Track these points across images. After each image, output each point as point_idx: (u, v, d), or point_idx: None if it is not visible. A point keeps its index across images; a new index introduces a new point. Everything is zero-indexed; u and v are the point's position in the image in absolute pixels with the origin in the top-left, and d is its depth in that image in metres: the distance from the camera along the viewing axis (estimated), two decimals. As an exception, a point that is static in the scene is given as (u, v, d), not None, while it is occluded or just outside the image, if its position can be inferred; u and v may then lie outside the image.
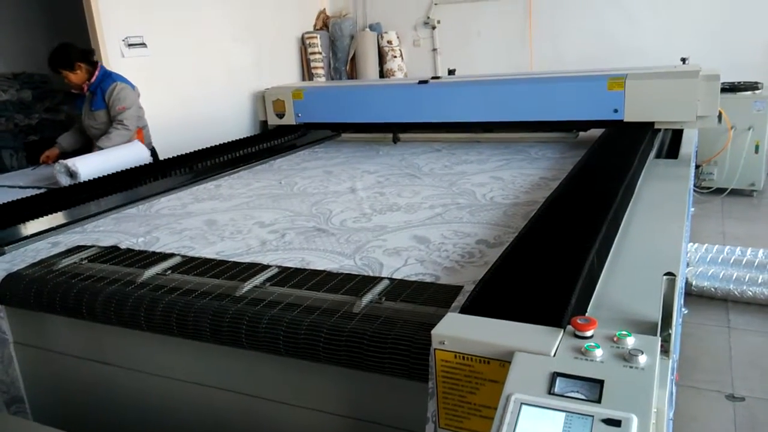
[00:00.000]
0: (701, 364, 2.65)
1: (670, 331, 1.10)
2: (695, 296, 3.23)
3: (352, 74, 7.19)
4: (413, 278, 1.47)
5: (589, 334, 0.92)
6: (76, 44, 3.58)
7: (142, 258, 1.72)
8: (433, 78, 3.27)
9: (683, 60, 5.19)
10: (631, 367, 0.84)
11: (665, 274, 1.13)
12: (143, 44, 5.01)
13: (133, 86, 3.63)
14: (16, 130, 6.15)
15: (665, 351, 1.05)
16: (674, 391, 1.61)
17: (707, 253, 3.50)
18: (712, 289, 3.17)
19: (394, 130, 3.26)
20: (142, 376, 1.60)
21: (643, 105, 2.66)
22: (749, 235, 4.20)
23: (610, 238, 1.54)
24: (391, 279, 1.46)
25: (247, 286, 1.48)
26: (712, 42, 5.82)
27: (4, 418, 1.60)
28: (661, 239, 1.64)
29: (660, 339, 1.07)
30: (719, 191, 5.01)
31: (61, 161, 2.90)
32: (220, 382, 1.49)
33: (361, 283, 1.45)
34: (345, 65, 7.15)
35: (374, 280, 1.45)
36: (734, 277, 3.20)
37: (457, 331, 0.97)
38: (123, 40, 4.79)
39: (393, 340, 1.19)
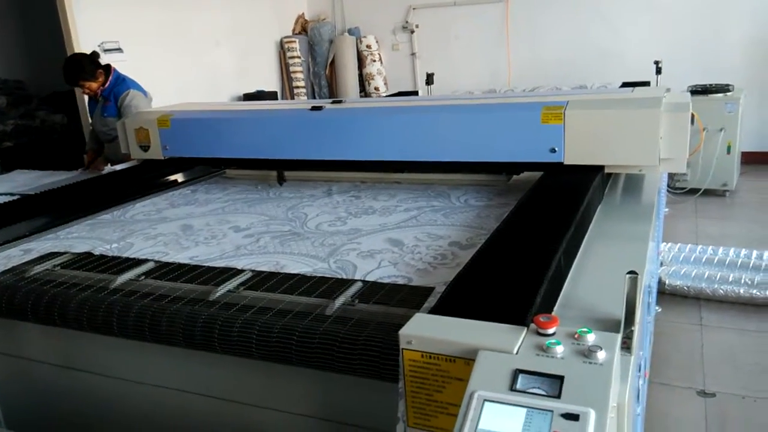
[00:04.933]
0: (673, 361, 2.71)
1: (632, 328, 1.12)
2: (668, 295, 3.29)
3: (332, 79, 7.22)
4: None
5: (551, 331, 0.94)
6: (83, 53, 3.55)
7: (115, 264, 1.72)
8: (334, 102, 2.51)
9: (656, 63, 5.30)
10: (590, 363, 0.87)
11: (628, 273, 1.17)
12: (119, 49, 4.99)
13: (145, 93, 3.61)
14: (-10, 136, 6.07)
15: (627, 347, 1.08)
16: (643, 387, 1.64)
17: (680, 253, 3.57)
18: (685, 288, 3.24)
19: (281, 168, 2.55)
20: (117, 383, 1.59)
21: (588, 143, 1.90)
22: (722, 234, 4.29)
23: (577, 241, 1.57)
24: (364, 281, 1.48)
25: (221, 290, 1.49)
26: (685, 45, 5.94)
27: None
28: (627, 240, 1.68)
29: (622, 336, 1.11)
30: (693, 191, 5.11)
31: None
32: (195, 387, 1.50)
33: (334, 285, 1.47)
34: (324, 69, 7.18)
35: (347, 283, 1.47)
36: (706, 276, 3.27)
37: (424, 330, 0.99)
38: (99, 45, 4.77)
39: (364, 341, 1.21)
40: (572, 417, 0.79)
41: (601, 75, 5.89)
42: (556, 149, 1.96)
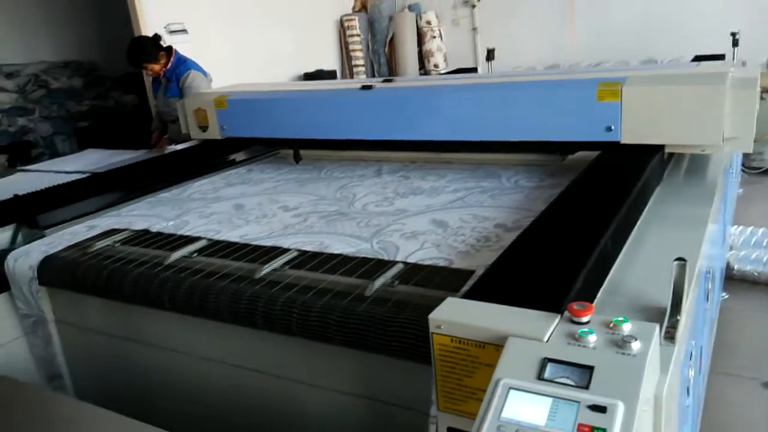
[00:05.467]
0: (739, 350, 2.58)
1: (678, 318, 1.08)
2: (737, 281, 3.13)
3: (391, 56, 7.17)
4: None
5: (585, 319, 0.91)
6: (146, 36, 3.67)
7: (170, 241, 1.79)
8: (384, 80, 2.53)
9: (733, 35, 4.97)
10: (623, 353, 0.84)
11: (676, 260, 1.11)
12: (184, 30, 5.13)
13: (205, 73, 3.71)
14: (67, 116, 6.40)
15: (670, 337, 1.04)
16: (698, 378, 1.58)
17: (752, 236, 3.38)
18: (755, 274, 3.07)
19: (332, 147, 2.55)
20: (168, 353, 1.67)
21: (647, 122, 1.81)
22: (800, 217, 4.02)
23: (629, 225, 1.51)
24: (405, 263, 1.48)
25: (266, 269, 1.52)
26: (766, 15, 5.54)
27: (43, 393, 1.69)
28: (684, 227, 1.60)
29: (665, 325, 1.06)
30: (769, 172, 4.81)
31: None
32: (240, 361, 1.55)
33: (375, 266, 1.47)
34: (384, 47, 7.14)
35: (388, 264, 1.47)
36: (779, 261, 3.08)
37: (454, 315, 0.98)
38: (164, 27, 4.91)
39: (401, 323, 1.21)
40: (599, 409, 0.77)
41: (673, 48, 5.58)
42: (613, 128, 1.88)
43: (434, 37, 7.08)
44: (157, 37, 3.64)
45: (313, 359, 1.43)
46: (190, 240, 1.77)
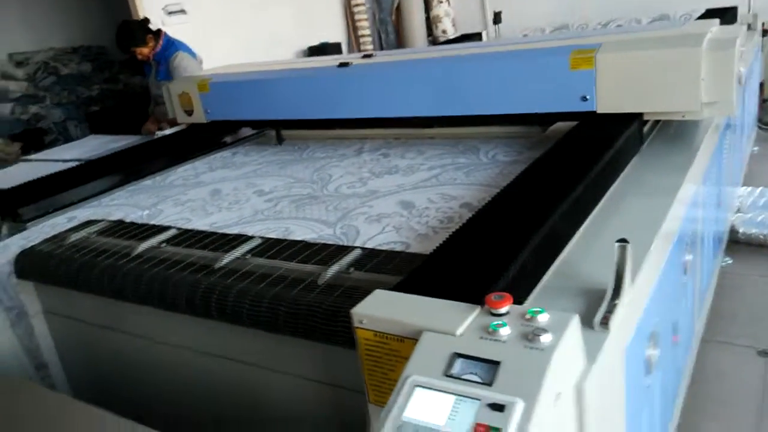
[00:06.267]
0: (739, 317, 2.51)
1: (617, 302, 1.04)
2: (743, 244, 3.03)
3: (398, 25, 7.03)
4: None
5: (503, 311, 0.89)
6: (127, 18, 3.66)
7: (141, 231, 1.80)
8: (364, 56, 2.48)
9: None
10: (530, 347, 0.81)
11: (617, 241, 1.08)
12: (182, 11, 5.09)
13: (194, 54, 3.69)
14: (78, 101, 6.46)
15: (605, 323, 1.01)
16: (666, 354, 1.54)
17: (760, 198, 3.26)
18: (761, 237, 2.97)
19: (313, 126, 2.53)
20: (142, 342, 1.69)
21: (622, 89, 1.74)
22: (817, 175, 3.87)
23: (593, 198, 1.47)
24: (362, 248, 1.46)
25: (227, 258, 1.52)
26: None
27: (20, 384, 1.73)
28: (655, 196, 1.55)
29: (603, 311, 1.03)
30: (790, 127, 4.61)
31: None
32: (206, 348, 1.56)
33: (333, 252, 1.46)
34: (390, 15, 7.00)
35: (346, 250, 1.45)
36: (787, 224, 2.97)
37: (377, 309, 0.96)
38: (162, 9, 4.88)
39: (345, 312, 1.20)
40: (498, 407, 0.75)
41: (689, 1, 5.34)
42: (588, 97, 1.82)
43: (441, 2, 6.91)
44: (145, 21, 3.62)
45: (275, 348, 1.43)
46: (160, 230, 1.78)
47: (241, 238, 1.62)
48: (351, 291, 1.26)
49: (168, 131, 2.95)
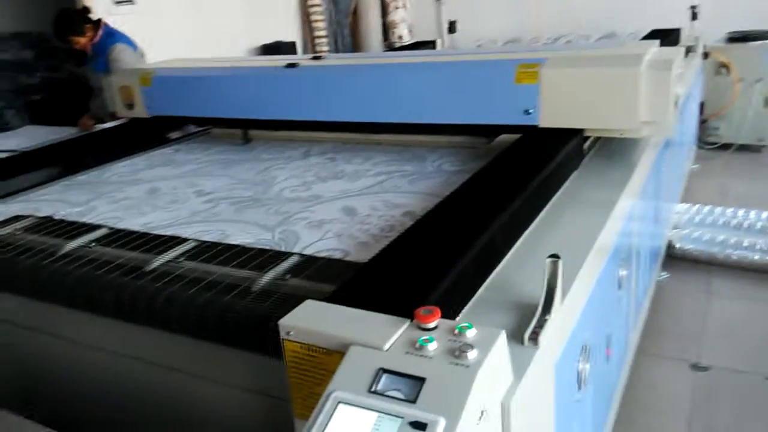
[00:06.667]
0: (672, 331, 2.59)
1: (547, 318, 1.05)
2: (679, 260, 3.13)
3: (354, 27, 7.02)
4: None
5: (431, 325, 0.88)
6: (70, 6, 3.52)
7: (70, 229, 1.72)
8: (314, 58, 2.47)
9: (692, 8, 4.92)
10: (456, 363, 0.80)
11: (549, 257, 1.08)
12: (131, 1, 4.93)
13: (135, 46, 3.56)
14: (18, 89, 6.18)
15: (534, 338, 1.01)
16: (599, 368, 1.57)
17: (697, 214, 3.39)
18: (695, 253, 3.08)
19: (259, 127, 2.51)
20: (62, 343, 1.62)
21: (564, 105, 1.77)
22: (752, 194, 4.05)
23: (531, 212, 1.48)
24: (300, 255, 1.43)
25: (158, 260, 1.46)
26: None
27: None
28: (592, 211, 1.57)
29: (533, 326, 1.03)
30: (726, 147, 4.81)
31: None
32: (132, 353, 1.50)
33: (270, 258, 1.42)
34: (346, 17, 6.98)
35: (284, 256, 1.42)
36: (720, 240, 3.09)
37: (305, 321, 0.94)
38: (111, -4, 4.72)
39: (276, 321, 1.17)
40: (420, 426, 0.73)
41: (637, 21, 5.51)
42: (531, 111, 1.84)
43: (398, 8, 6.94)
44: (85, 10, 3.50)
45: (206, 355, 1.38)
46: (90, 228, 1.70)
47: (175, 240, 1.57)
48: (286, 298, 1.23)
49: (108, 125, 2.84)
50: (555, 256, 1.08)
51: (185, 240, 1.56)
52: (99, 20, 3.47)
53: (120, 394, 1.54)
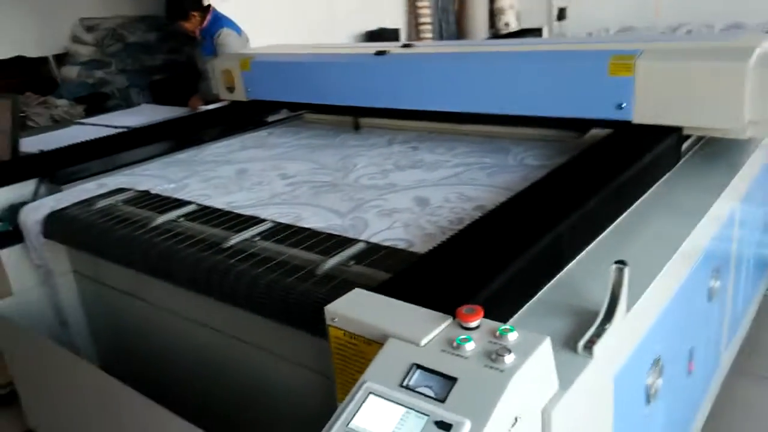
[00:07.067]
0: (774, 350, 2.37)
1: (606, 327, 0.99)
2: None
3: (460, 14, 6.92)
4: (390, 243, 1.44)
5: (473, 325, 0.85)
6: None
7: (163, 203, 1.84)
8: (404, 45, 2.43)
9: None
10: (491, 367, 0.78)
11: (615, 263, 1.02)
12: (242, -13, 5.14)
13: (239, 31, 3.74)
14: (142, 70, 6.66)
15: (589, 348, 0.96)
16: (675, 383, 1.47)
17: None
18: (814, 268, 2.77)
19: (349, 114, 2.51)
20: (152, 309, 1.74)
21: (661, 100, 1.64)
22: None
23: (612, 213, 1.40)
24: (367, 242, 1.44)
25: (236, 239, 1.53)
26: None
27: (44, 343, 1.80)
28: (681, 214, 1.47)
29: (590, 334, 0.99)
30: None
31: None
32: (210, 323, 1.59)
33: (338, 243, 1.45)
34: (452, 4, 6.89)
35: (350, 242, 1.44)
36: None
37: (349, 309, 0.95)
38: (220, -18, 4.95)
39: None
40: (445, 426, 0.72)
41: (766, 12, 5.02)
42: (624, 105, 1.73)
43: (506, -6, 6.75)
44: None
45: (271, 331, 1.43)
46: (181, 204, 1.81)
47: (254, 220, 1.63)
48: (345, 284, 1.25)
49: (210, 107, 3.00)
50: (622, 262, 1.01)
51: (263, 220, 1.62)
52: (208, 6, 3.65)
53: (192, 359, 1.64)
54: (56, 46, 6.40)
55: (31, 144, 2.83)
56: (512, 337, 0.82)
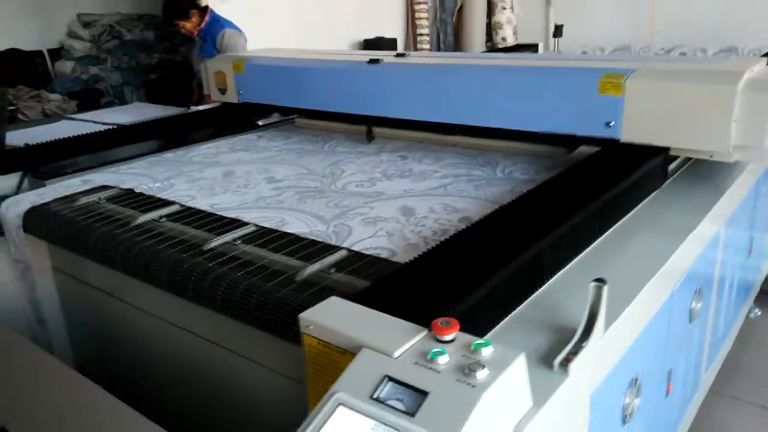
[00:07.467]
0: (755, 374, 2.37)
1: (583, 345, 0.98)
2: (776, 298, 2.86)
3: (458, 26, 6.96)
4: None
5: (448, 338, 0.84)
6: None
7: (146, 203, 1.82)
8: (397, 55, 2.45)
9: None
10: (463, 382, 0.77)
11: (594, 280, 1.02)
12: (241, -10, 5.14)
13: (240, 32, 3.74)
14: (137, 68, 6.64)
15: (565, 365, 0.95)
16: (652, 403, 1.46)
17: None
18: (797, 292, 2.79)
19: (337, 119, 2.50)
20: (130, 310, 1.72)
21: (649, 120, 1.66)
22: None
23: (582, 239, 1.39)
24: (349, 250, 1.43)
25: (217, 241, 1.51)
26: None
27: (16, 340, 1.77)
28: (664, 233, 1.47)
29: (567, 351, 0.98)
30: None
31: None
32: (182, 324, 1.56)
33: (320, 250, 1.43)
34: (451, 16, 6.93)
35: (333, 249, 1.43)
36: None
37: (324, 317, 0.93)
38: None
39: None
40: (413, 440, 0.71)
41: (761, 37, 5.09)
42: (612, 123, 1.74)
43: (505, 8, 6.79)
44: None
45: (246, 336, 1.41)
46: (164, 204, 1.79)
47: (236, 223, 1.62)
48: (324, 292, 1.24)
49: (201, 107, 2.98)
50: (600, 280, 1.01)
51: (245, 224, 1.60)
52: (206, 7, 3.65)
53: (169, 363, 1.61)
54: (51, 40, 6.37)
55: (17, 138, 2.80)
56: (486, 351, 0.81)
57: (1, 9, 5.95)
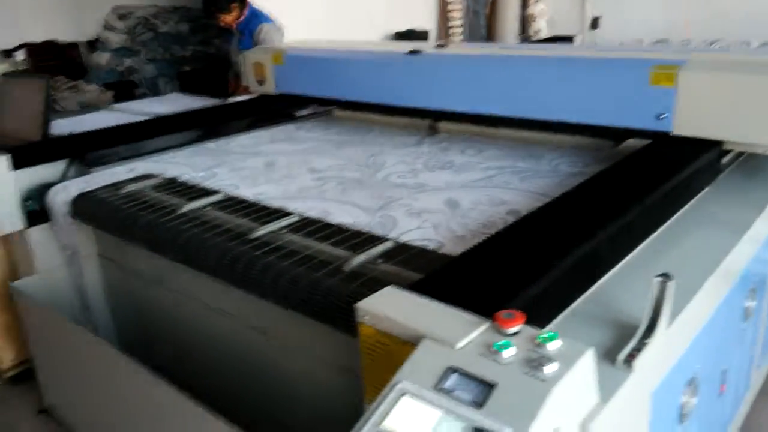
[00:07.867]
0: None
1: (647, 341, 0.96)
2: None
3: (491, 18, 6.87)
4: (420, 242, 1.41)
5: (511, 330, 0.82)
6: None
7: (191, 191, 1.83)
8: (437, 46, 2.45)
9: None
10: (532, 375, 0.75)
11: (658, 275, 0.99)
12: (278, -17, 5.14)
13: (278, 27, 3.76)
14: (171, 60, 6.71)
15: (629, 362, 0.93)
16: (706, 403, 1.42)
17: None
18: None
19: (376, 111, 2.46)
20: (175, 296, 1.73)
21: (703, 112, 1.60)
22: None
23: (636, 234, 1.36)
24: (395, 241, 1.42)
25: (262, 230, 1.51)
26: None
27: (64, 323, 1.81)
28: (719, 229, 1.43)
29: (631, 347, 0.95)
30: None
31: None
32: (230, 310, 1.57)
33: (366, 241, 1.42)
34: (484, 8, 6.85)
35: (378, 240, 1.42)
36: None
37: (382, 307, 0.92)
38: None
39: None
40: (483, 433, 0.70)
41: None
42: (665, 116, 1.69)
43: (538, 0, 6.69)
44: None
45: (294, 325, 1.41)
46: (208, 192, 1.80)
47: (281, 213, 1.62)
48: (373, 282, 1.23)
49: (239, 98, 2.99)
50: (665, 275, 0.98)
51: (290, 213, 1.60)
52: (245, 1, 3.66)
53: (214, 349, 1.63)
54: (88, 32, 6.46)
55: (60, 127, 2.84)
56: (553, 345, 0.79)
57: (39, 1, 6.05)
